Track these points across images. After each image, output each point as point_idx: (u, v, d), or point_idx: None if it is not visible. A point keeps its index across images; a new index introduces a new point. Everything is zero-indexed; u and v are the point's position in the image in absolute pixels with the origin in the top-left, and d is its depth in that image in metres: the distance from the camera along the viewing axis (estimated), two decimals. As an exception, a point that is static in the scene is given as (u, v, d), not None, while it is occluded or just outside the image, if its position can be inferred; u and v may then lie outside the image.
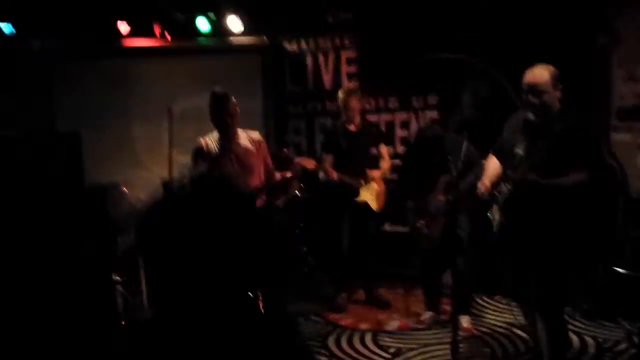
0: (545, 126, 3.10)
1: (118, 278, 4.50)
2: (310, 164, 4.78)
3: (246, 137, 3.78)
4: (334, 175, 4.77)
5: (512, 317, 4.12)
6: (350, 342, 4.25)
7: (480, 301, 4.85)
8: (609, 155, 4.95)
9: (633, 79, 4.86)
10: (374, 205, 4.88)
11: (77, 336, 3.83)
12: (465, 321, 4.26)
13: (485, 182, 3.35)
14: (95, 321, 3.98)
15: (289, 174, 4.12)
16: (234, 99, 3.74)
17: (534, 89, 3.08)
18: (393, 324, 4.53)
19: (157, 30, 5.74)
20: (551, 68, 3.13)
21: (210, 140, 3.83)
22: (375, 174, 4.90)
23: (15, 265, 3.80)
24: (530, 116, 3.15)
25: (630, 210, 4.65)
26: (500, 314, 4.59)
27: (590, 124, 3.17)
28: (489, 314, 4.64)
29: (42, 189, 4.10)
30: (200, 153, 3.73)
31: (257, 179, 3.80)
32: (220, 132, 3.67)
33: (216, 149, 3.73)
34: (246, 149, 3.73)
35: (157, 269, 4.08)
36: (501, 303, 4.80)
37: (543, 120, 3.12)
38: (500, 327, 4.35)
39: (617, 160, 4.89)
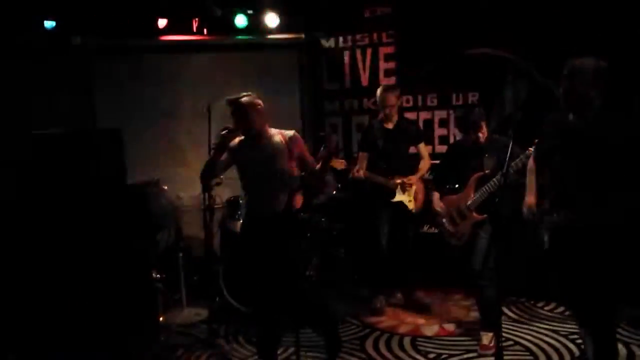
0: (591, 130, 2.86)
1: (158, 276, 4.55)
2: (339, 164, 4.73)
3: (278, 135, 3.72)
4: (361, 173, 4.70)
5: (558, 325, 4.00)
6: (388, 346, 4.21)
7: (527, 306, 4.77)
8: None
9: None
10: (411, 206, 4.81)
11: (118, 332, 3.88)
12: (486, 339, 4.06)
13: (530, 200, 3.21)
14: (136, 319, 4.03)
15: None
16: (251, 100, 3.58)
17: (573, 73, 2.86)
18: (432, 329, 4.46)
19: (194, 25, 5.77)
20: (599, 61, 2.88)
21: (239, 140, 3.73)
22: (414, 177, 4.82)
23: (59, 261, 3.86)
24: (571, 117, 2.93)
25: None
26: (547, 322, 4.46)
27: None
28: (536, 320, 4.52)
29: (84, 186, 4.14)
30: (232, 147, 3.64)
31: (288, 180, 3.64)
32: (242, 134, 3.65)
33: (237, 146, 3.64)
34: (273, 148, 3.60)
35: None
36: (548, 310, 4.70)
37: (585, 121, 2.89)
38: (546, 335, 4.23)
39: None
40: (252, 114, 3.52)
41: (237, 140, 3.62)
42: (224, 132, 3.51)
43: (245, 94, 3.58)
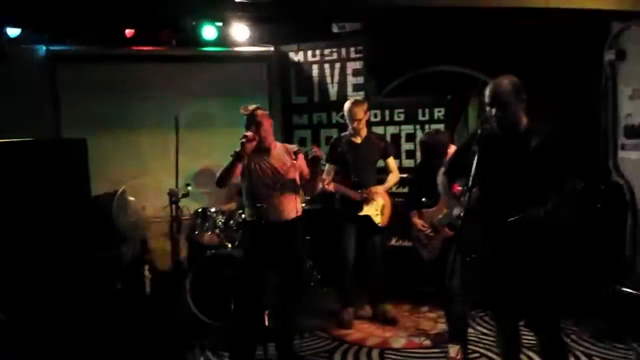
0: (517, 143, 3.00)
1: (121, 288, 4.47)
2: None
3: (283, 149, 3.93)
4: (330, 186, 4.74)
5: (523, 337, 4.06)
6: (356, 359, 4.20)
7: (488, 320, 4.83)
8: (617, 174, 4.97)
9: (639, 97, 4.88)
10: (377, 219, 4.85)
11: (80, 344, 3.79)
12: (453, 351, 4.10)
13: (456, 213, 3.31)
14: (99, 331, 3.94)
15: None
16: (262, 112, 3.86)
17: (497, 100, 2.98)
18: (400, 341, 4.48)
19: (163, 37, 5.72)
20: (514, 78, 3.02)
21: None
22: (381, 187, 4.88)
23: (21, 271, 3.76)
24: (498, 131, 3.04)
25: (637, 229, 4.66)
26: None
27: (567, 138, 3.05)
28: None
29: (48, 196, 4.07)
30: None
31: (293, 189, 3.92)
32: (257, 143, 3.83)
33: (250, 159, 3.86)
34: (279, 161, 3.86)
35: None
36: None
37: (512, 135, 3.02)
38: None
39: (624, 178, 4.91)
40: (269, 125, 3.83)
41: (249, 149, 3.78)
42: (244, 139, 3.66)
43: (256, 105, 3.85)
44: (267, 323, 3.78)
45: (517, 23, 5.01)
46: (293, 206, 3.90)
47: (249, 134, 3.71)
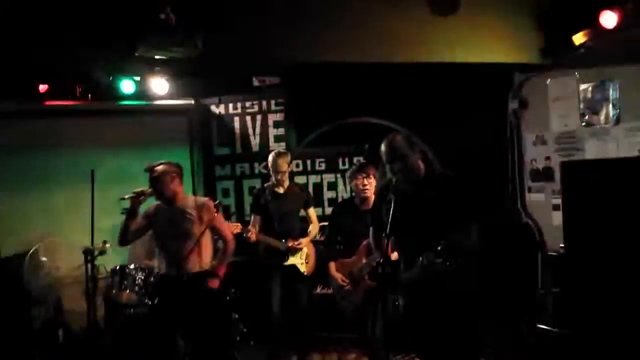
0: (418, 191, 3.15)
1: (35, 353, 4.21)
2: (236, 228, 4.74)
3: (192, 201, 3.96)
4: (253, 236, 4.73)
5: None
6: (284, 412, 4.13)
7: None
8: (526, 215, 5.24)
9: (542, 142, 5.23)
10: (303, 268, 4.87)
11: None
12: None
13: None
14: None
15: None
16: (166, 168, 3.92)
17: (394, 154, 3.14)
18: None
19: (78, 90, 5.61)
20: (404, 134, 3.24)
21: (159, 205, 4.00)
22: (305, 239, 4.91)
23: None
24: (400, 183, 3.17)
25: (548, 268, 4.90)
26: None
27: (464, 181, 3.23)
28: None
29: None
30: (148, 212, 3.96)
31: (193, 244, 3.85)
32: (157, 198, 3.95)
33: (153, 211, 3.94)
34: (183, 214, 3.87)
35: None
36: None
37: (413, 185, 3.17)
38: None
39: (533, 219, 5.18)
40: (164, 181, 3.85)
41: (153, 205, 3.90)
42: (131, 195, 3.73)
43: (164, 162, 3.92)
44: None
45: (427, 76, 5.29)
46: (195, 260, 3.88)
47: (138, 190, 3.82)
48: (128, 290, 4.72)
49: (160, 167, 3.88)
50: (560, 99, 5.12)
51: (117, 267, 4.84)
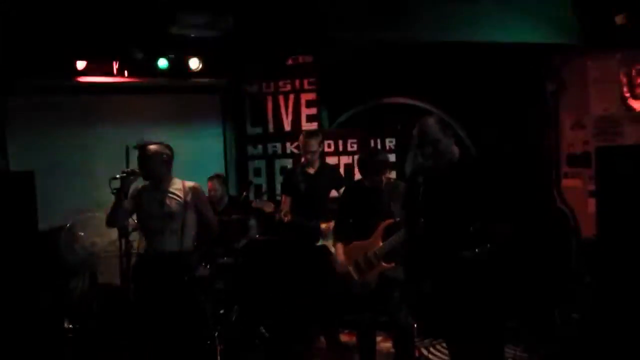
0: (451, 175, 3.11)
1: (70, 326, 4.34)
2: (269, 207, 4.77)
3: (179, 184, 3.90)
4: (287, 217, 4.75)
5: None
6: (311, 390, 4.20)
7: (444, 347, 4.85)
8: (561, 201, 5.14)
9: (580, 126, 5.09)
10: (333, 249, 4.87)
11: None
12: None
13: None
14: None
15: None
16: (157, 148, 3.85)
17: (425, 139, 3.08)
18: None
19: (115, 67, 5.70)
20: (437, 116, 3.19)
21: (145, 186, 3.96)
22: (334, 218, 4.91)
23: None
24: (431, 167, 3.14)
25: (582, 255, 4.80)
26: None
27: (499, 170, 3.19)
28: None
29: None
30: (132, 194, 3.91)
31: (176, 225, 3.86)
32: (144, 179, 3.91)
33: (138, 192, 3.89)
34: (170, 195, 3.85)
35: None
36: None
37: (445, 169, 3.13)
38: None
39: (568, 205, 5.08)
40: (154, 161, 3.79)
41: (138, 187, 3.85)
42: (122, 175, 3.71)
43: (156, 142, 3.83)
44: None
45: (463, 57, 5.20)
46: (174, 240, 3.85)
47: (128, 169, 3.82)
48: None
49: (153, 147, 3.82)
50: (600, 81, 4.97)
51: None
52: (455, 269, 3.07)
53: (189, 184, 3.94)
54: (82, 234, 4.75)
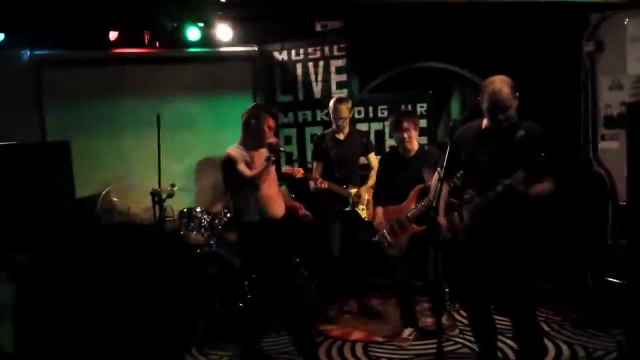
0: (508, 133, 3.10)
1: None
2: (299, 172, 4.80)
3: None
4: (324, 184, 4.78)
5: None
6: (340, 353, 4.25)
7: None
8: (598, 164, 5.01)
9: (618, 87, 4.92)
10: (364, 214, 4.89)
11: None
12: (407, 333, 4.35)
13: (442, 221, 3.35)
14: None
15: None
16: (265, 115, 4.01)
17: (499, 105, 3.05)
18: (385, 335, 4.51)
19: (146, 38, 5.76)
20: (509, 80, 3.10)
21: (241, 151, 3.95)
22: (364, 183, 4.92)
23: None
24: (493, 126, 3.15)
25: (619, 218, 4.69)
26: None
27: (547, 133, 3.15)
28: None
29: (33, 199, 4.09)
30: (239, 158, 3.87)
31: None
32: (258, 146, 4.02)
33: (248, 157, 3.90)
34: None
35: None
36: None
37: (500, 128, 3.12)
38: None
39: (605, 168, 4.95)
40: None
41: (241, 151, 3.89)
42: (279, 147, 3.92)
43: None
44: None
45: (496, 16, 5.05)
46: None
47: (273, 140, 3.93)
48: (195, 232, 4.93)
49: None
50: (639, 40, 4.77)
51: (185, 210, 5.04)
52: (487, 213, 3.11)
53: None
54: (117, 200, 4.86)
